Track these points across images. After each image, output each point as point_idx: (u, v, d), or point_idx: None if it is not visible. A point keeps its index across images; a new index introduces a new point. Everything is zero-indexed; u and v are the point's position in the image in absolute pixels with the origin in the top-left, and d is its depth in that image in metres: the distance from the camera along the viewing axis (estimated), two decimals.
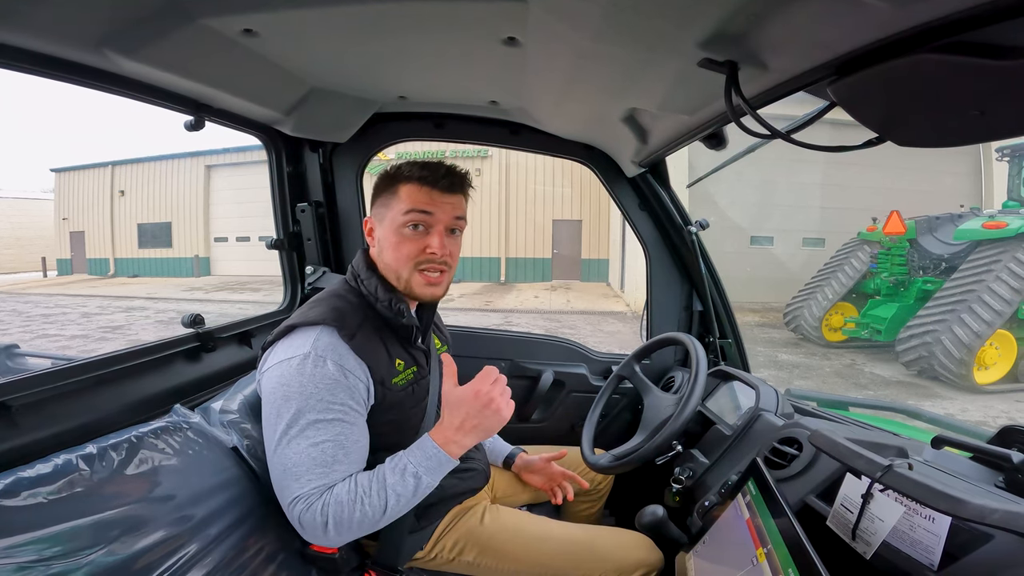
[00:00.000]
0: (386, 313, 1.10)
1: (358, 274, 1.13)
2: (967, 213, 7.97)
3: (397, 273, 1.09)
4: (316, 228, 1.80)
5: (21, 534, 0.75)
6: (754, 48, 0.75)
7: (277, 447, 0.95)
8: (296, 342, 1.00)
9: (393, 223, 1.08)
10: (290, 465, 0.93)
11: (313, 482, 0.93)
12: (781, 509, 0.80)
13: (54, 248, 24.12)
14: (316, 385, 0.95)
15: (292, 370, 0.96)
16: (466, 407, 1.00)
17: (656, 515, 1.11)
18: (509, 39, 1.01)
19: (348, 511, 0.92)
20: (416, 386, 1.14)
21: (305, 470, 0.93)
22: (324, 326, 1.00)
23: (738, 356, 1.78)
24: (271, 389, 0.98)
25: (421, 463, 0.98)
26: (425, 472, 0.98)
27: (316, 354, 0.96)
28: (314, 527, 0.92)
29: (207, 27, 0.97)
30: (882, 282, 8.15)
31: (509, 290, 16.44)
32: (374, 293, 1.10)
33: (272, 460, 0.97)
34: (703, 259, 1.73)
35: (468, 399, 1.01)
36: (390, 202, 1.09)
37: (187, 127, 1.32)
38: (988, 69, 0.54)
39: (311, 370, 0.95)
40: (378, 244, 1.12)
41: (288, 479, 0.94)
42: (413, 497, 0.97)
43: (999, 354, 6.73)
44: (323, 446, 0.94)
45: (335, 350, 0.98)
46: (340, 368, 0.98)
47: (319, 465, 0.93)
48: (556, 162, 16.50)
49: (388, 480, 0.96)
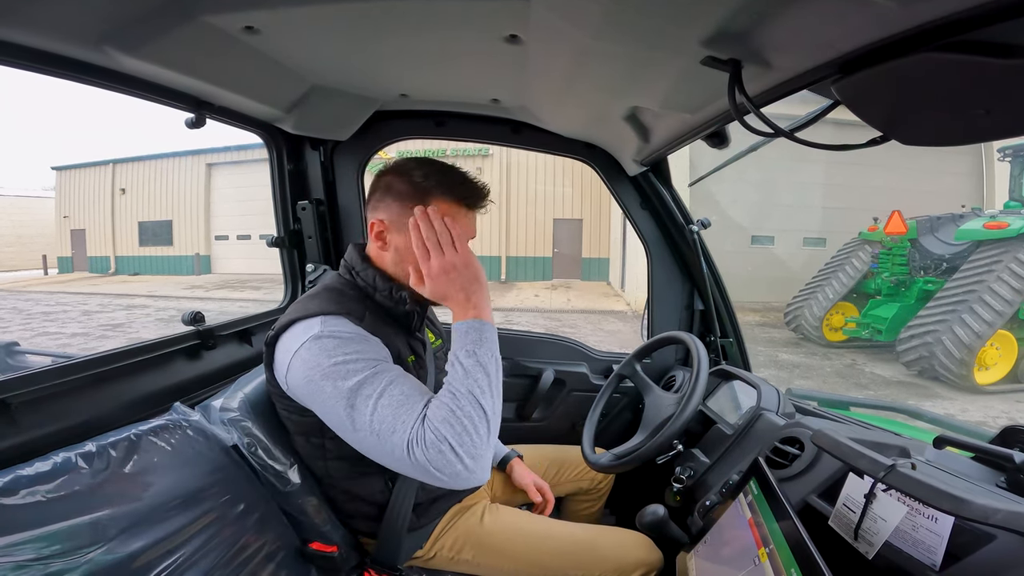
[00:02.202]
0: (386, 302, 1.08)
1: (352, 267, 1.11)
2: (968, 213, 7.97)
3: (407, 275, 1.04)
4: (317, 226, 1.80)
5: (20, 532, 0.74)
6: (758, 46, 0.75)
7: (351, 422, 0.89)
8: (300, 329, 0.97)
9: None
10: (376, 425, 0.87)
11: (403, 423, 0.86)
12: (783, 509, 0.80)
13: (55, 246, 24.14)
14: (344, 352, 0.92)
15: (313, 352, 0.93)
16: (446, 283, 0.96)
17: (657, 514, 1.10)
18: (511, 37, 1.00)
19: (457, 425, 0.85)
20: (417, 375, 1.12)
21: (391, 420, 0.87)
22: (328, 315, 0.98)
23: (739, 355, 1.78)
24: (305, 379, 0.93)
25: (463, 346, 0.93)
26: (475, 345, 0.92)
27: (328, 331, 0.94)
28: (444, 460, 0.84)
29: (208, 24, 0.96)
30: (883, 282, 8.14)
31: (509, 289, 16.44)
32: (372, 283, 1.08)
33: (357, 438, 0.91)
34: (704, 258, 1.73)
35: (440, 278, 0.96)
36: None
37: (188, 124, 1.32)
38: (993, 68, 0.53)
39: (331, 343, 0.93)
40: (394, 251, 1.07)
41: (384, 438, 0.87)
42: (487, 377, 0.91)
43: (1000, 354, 6.72)
44: (387, 392, 0.89)
45: (347, 326, 0.97)
46: (358, 334, 0.96)
47: (398, 407, 0.88)
48: (557, 161, 16.55)
49: (453, 378, 0.91)
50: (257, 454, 1.11)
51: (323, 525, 1.14)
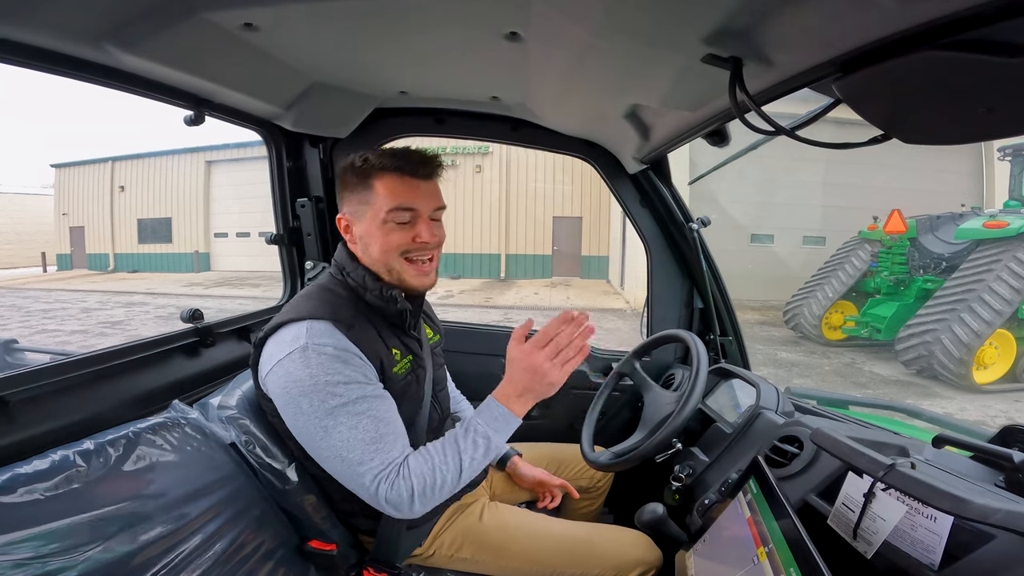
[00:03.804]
0: (377, 302, 1.08)
1: (343, 267, 1.11)
2: (968, 212, 7.96)
3: (387, 266, 1.07)
4: (316, 223, 1.79)
5: (18, 531, 0.74)
6: (759, 44, 0.74)
7: (321, 441, 0.94)
8: (288, 336, 0.98)
9: (376, 219, 1.04)
10: (344, 453, 0.93)
11: (375, 459, 0.94)
12: (783, 508, 0.80)
13: (54, 243, 24.10)
14: (326, 372, 0.94)
15: (296, 365, 0.95)
16: (516, 370, 1.02)
17: (656, 513, 1.10)
18: (511, 34, 1.00)
19: (429, 480, 0.95)
20: (414, 375, 1.13)
21: (361, 452, 0.93)
22: (316, 320, 0.99)
23: (739, 354, 1.78)
24: (283, 389, 0.96)
25: (488, 424, 1.00)
26: (493, 432, 1.00)
27: (314, 343, 0.95)
28: (399, 502, 0.94)
29: (208, 21, 0.96)
30: (882, 281, 8.15)
31: (509, 286, 16.44)
32: (362, 283, 1.08)
33: (320, 455, 0.96)
34: (704, 256, 1.72)
35: (517, 362, 1.02)
36: (367, 197, 1.05)
37: (187, 122, 1.32)
38: (995, 67, 0.53)
39: (315, 360, 0.94)
40: (360, 241, 1.08)
41: (352, 466, 0.94)
42: (484, 458, 1.00)
43: (998, 354, 6.73)
44: (362, 425, 0.94)
45: (332, 337, 0.97)
46: (343, 351, 0.97)
47: (370, 443, 0.94)
48: (557, 158, 16.52)
49: (460, 445, 0.99)
50: (255, 452, 1.10)
51: (322, 523, 1.14)
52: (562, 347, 1.00)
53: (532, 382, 1.00)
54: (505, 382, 1.03)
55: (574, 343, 1.01)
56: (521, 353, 1.01)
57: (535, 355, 0.99)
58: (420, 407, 1.15)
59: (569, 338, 1.01)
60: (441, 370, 1.33)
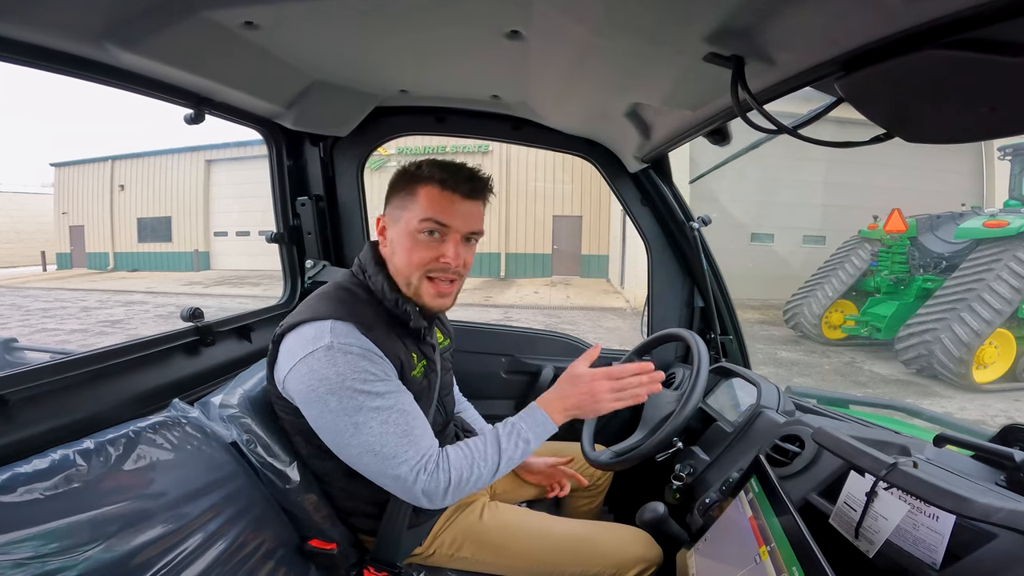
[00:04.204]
0: (394, 311, 1.08)
1: (365, 268, 1.11)
2: (968, 212, 7.97)
3: (407, 279, 1.07)
4: (316, 222, 1.79)
5: (18, 530, 0.74)
6: (761, 43, 0.74)
7: (351, 439, 0.95)
8: (310, 334, 0.98)
9: (408, 226, 1.04)
10: (377, 447, 0.94)
11: (410, 451, 0.95)
12: (785, 507, 0.80)
13: (54, 242, 24.10)
14: (354, 370, 0.95)
15: (322, 363, 0.94)
16: (577, 387, 1.06)
17: (657, 512, 1.10)
18: (512, 33, 1.00)
19: (466, 474, 0.98)
20: (427, 380, 1.14)
21: (394, 445, 0.95)
22: (338, 320, 0.99)
23: (739, 353, 1.78)
24: (307, 387, 0.96)
25: (531, 428, 1.04)
26: (534, 437, 1.04)
27: (339, 343, 0.96)
28: (435, 492, 0.96)
29: (208, 20, 0.96)
30: (882, 280, 8.15)
31: (509, 285, 16.43)
32: (381, 290, 1.08)
33: (349, 452, 0.97)
34: (705, 255, 1.72)
35: (582, 380, 1.06)
36: (407, 203, 1.05)
37: (187, 120, 1.31)
38: (999, 65, 0.53)
39: (342, 359, 0.95)
40: (390, 245, 1.09)
41: (386, 460, 0.95)
42: (519, 460, 1.04)
43: (998, 353, 6.73)
44: (393, 420, 0.96)
45: (356, 338, 0.98)
46: (367, 351, 0.98)
47: (402, 436, 0.95)
48: (557, 157, 16.52)
49: (502, 443, 1.02)
50: (256, 451, 1.10)
51: (322, 523, 1.13)
52: (627, 388, 1.06)
53: (585, 403, 1.05)
54: (555, 394, 1.08)
55: (636, 389, 1.07)
56: (588, 375, 1.06)
57: (602, 382, 1.05)
58: (428, 411, 1.15)
59: (636, 383, 1.07)
60: (448, 374, 1.32)
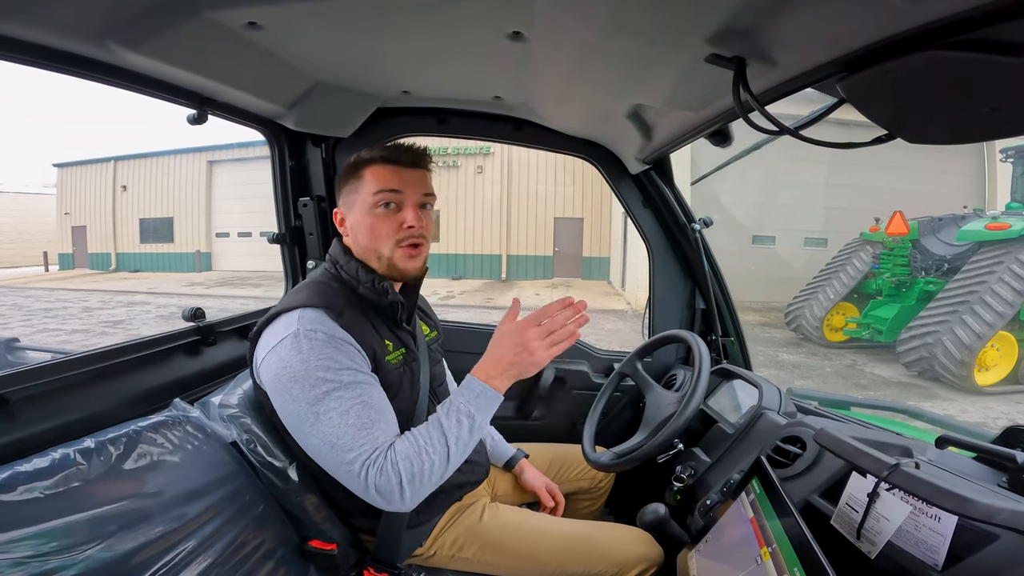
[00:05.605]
0: (369, 294, 1.10)
1: (336, 260, 1.13)
2: (970, 214, 7.97)
3: (377, 253, 1.09)
4: (318, 223, 1.79)
5: (18, 529, 0.74)
6: (762, 44, 0.74)
7: (311, 428, 0.94)
8: (280, 325, 1.00)
9: (364, 206, 1.09)
10: (334, 439, 0.92)
11: (365, 445, 0.92)
12: (786, 508, 0.80)
13: (56, 243, 24.16)
14: (318, 357, 0.95)
15: (288, 351, 0.96)
16: (505, 343, 1.00)
17: (658, 513, 1.10)
18: (514, 34, 1.00)
19: (416, 464, 0.93)
20: (407, 368, 1.14)
21: (351, 438, 0.92)
22: (308, 307, 1.01)
23: (740, 354, 1.77)
24: (274, 375, 0.97)
25: (471, 401, 0.99)
26: (476, 410, 0.98)
27: (305, 329, 0.97)
28: (389, 489, 0.91)
29: (211, 20, 0.96)
30: (884, 282, 8.14)
31: (510, 287, 16.43)
32: (355, 276, 1.10)
33: (309, 443, 0.96)
34: (706, 257, 1.72)
35: (508, 336, 1.01)
36: (357, 187, 1.10)
37: (190, 121, 1.32)
38: (1001, 66, 0.53)
39: (307, 345, 0.95)
40: (351, 231, 1.13)
41: (340, 452, 0.92)
42: (470, 438, 0.98)
43: (1000, 355, 6.73)
44: (353, 411, 0.94)
45: (324, 324, 0.99)
46: (333, 338, 0.98)
47: (360, 429, 0.93)
48: (558, 159, 16.54)
49: (444, 425, 0.97)
50: (256, 451, 1.10)
51: (322, 523, 1.13)
52: (555, 329, 1.00)
53: (518, 357, 0.99)
54: (487, 359, 1.02)
55: (567, 327, 1.00)
56: (512, 327, 1.01)
57: (528, 331, 0.99)
58: (417, 401, 1.16)
59: (564, 322, 1.00)
60: (439, 366, 1.33)
